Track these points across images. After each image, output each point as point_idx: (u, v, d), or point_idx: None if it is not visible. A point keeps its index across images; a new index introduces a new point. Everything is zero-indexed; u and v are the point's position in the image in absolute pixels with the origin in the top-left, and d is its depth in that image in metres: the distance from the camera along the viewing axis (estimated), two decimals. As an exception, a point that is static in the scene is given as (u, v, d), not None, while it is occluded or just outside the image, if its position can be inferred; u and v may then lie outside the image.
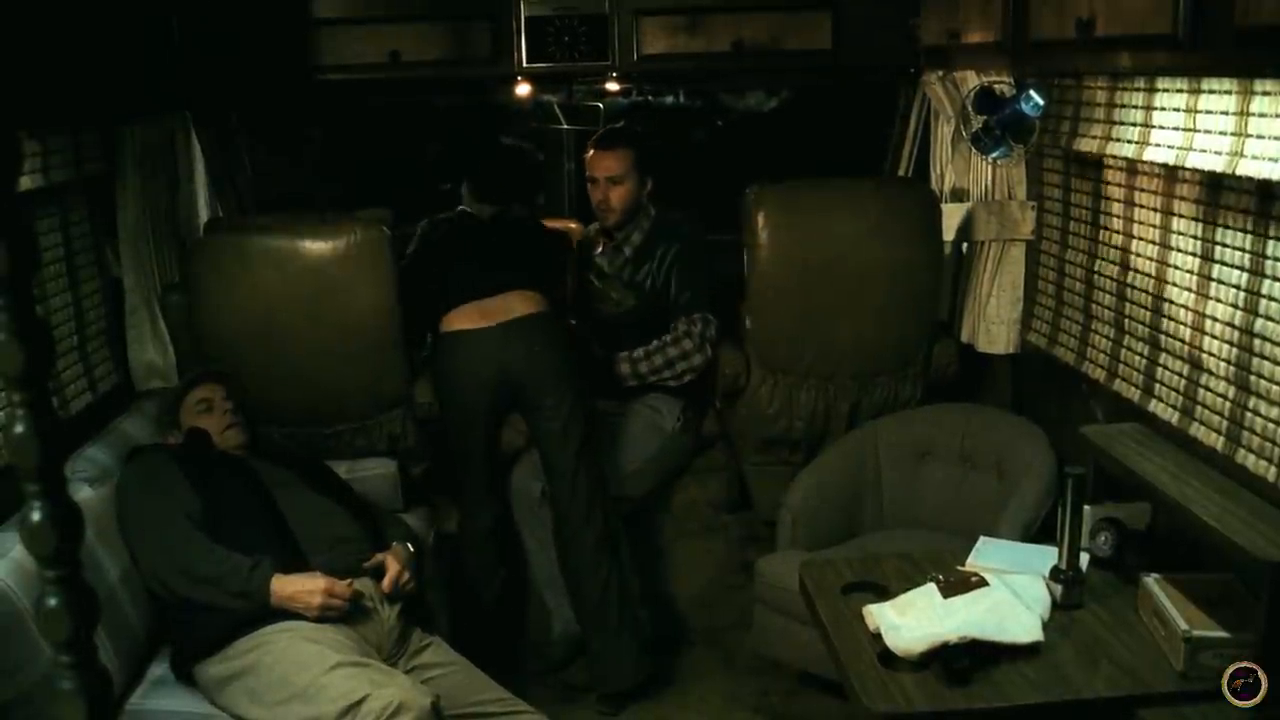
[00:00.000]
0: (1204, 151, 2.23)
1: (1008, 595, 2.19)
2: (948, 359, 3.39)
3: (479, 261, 3.13)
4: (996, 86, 3.03)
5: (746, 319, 3.28)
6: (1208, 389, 2.39)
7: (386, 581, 2.49)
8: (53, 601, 0.77)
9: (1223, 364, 2.33)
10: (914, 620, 2.11)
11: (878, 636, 2.12)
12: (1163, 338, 2.59)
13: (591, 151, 3.29)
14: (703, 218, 3.65)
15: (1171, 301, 2.55)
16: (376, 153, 5.15)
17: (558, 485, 3.08)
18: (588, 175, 3.28)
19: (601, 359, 3.38)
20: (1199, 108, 2.27)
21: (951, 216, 3.36)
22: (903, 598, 2.22)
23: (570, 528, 3.07)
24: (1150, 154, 2.47)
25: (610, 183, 3.22)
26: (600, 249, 3.39)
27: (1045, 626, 2.13)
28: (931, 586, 2.25)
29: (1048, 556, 2.30)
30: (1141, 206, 2.68)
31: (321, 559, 2.46)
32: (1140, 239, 2.70)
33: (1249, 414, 2.23)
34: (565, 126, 4.74)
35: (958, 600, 2.19)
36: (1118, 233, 2.81)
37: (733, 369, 3.29)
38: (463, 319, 3.06)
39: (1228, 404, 2.31)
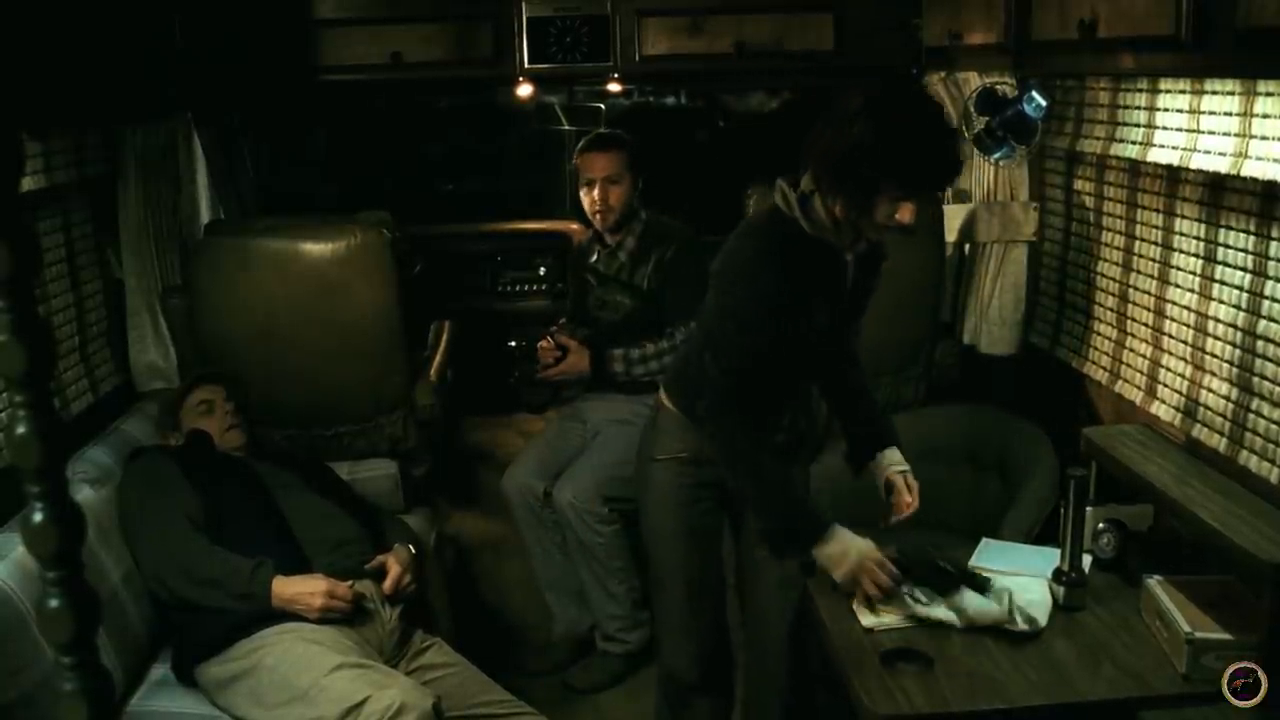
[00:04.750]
0: (1207, 153, 2.23)
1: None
2: (949, 360, 3.38)
3: None
4: (999, 87, 3.03)
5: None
6: (1210, 390, 2.39)
7: (388, 583, 2.49)
8: (54, 603, 0.77)
9: (1225, 365, 2.33)
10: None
11: (870, 630, 2.13)
12: (1165, 339, 2.58)
13: (585, 155, 3.29)
14: (702, 220, 3.64)
15: (1174, 303, 2.55)
16: (378, 154, 5.15)
17: None
18: (583, 179, 3.27)
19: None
20: (1202, 109, 2.27)
21: (954, 218, 3.35)
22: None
23: None
24: (1153, 155, 2.47)
25: (608, 183, 3.22)
26: (595, 255, 3.39)
27: (1047, 628, 2.14)
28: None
29: (1050, 558, 2.30)
30: (1144, 208, 2.68)
31: (323, 561, 2.46)
32: (1143, 240, 2.69)
33: (1251, 415, 2.23)
34: (567, 128, 4.75)
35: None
36: (1120, 234, 2.81)
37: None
38: None
39: (1230, 405, 2.31)
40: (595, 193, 3.22)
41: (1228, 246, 2.33)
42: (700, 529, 2.44)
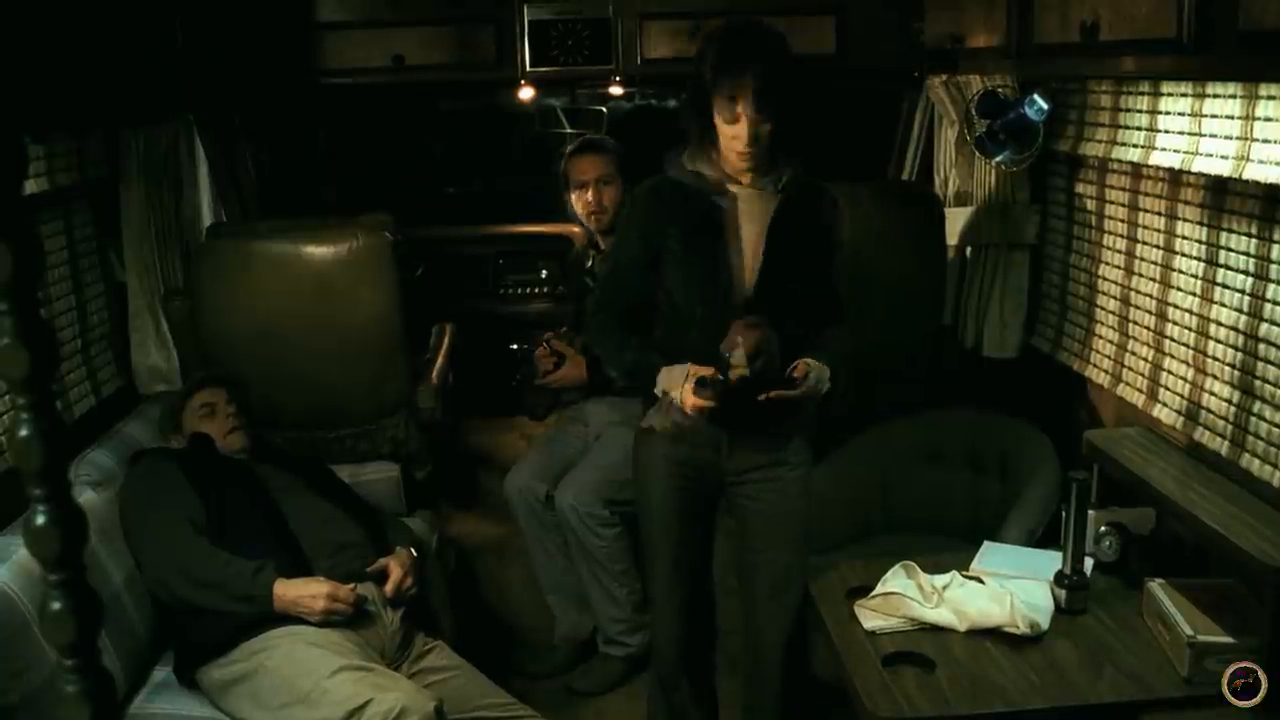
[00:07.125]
0: (1209, 156, 2.23)
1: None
2: (951, 363, 3.38)
3: None
4: (1000, 90, 3.03)
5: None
6: (1212, 393, 2.38)
7: (389, 586, 2.49)
8: (56, 605, 0.77)
9: (1227, 368, 2.33)
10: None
11: (872, 633, 2.13)
12: (1167, 342, 2.58)
13: (575, 159, 3.29)
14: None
15: (1176, 305, 2.54)
16: (380, 156, 5.15)
17: None
18: (576, 181, 3.25)
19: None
20: (1204, 112, 2.26)
21: (955, 220, 3.35)
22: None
23: None
24: (1155, 158, 2.47)
25: (601, 184, 3.23)
26: (591, 260, 3.39)
27: (1049, 631, 2.13)
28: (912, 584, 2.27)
29: (1052, 561, 2.30)
30: (1146, 210, 2.68)
31: (324, 563, 2.46)
32: (1144, 243, 2.69)
33: (1253, 418, 2.23)
34: (569, 130, 4.74)
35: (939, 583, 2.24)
36: (1122, 236, 2.80)
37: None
38: None
39: (1232, 408, 2.31)
40: (589, 195, 3.23)
41: (1229, 249, 2.32)
42: (678, 508, 2.46)
